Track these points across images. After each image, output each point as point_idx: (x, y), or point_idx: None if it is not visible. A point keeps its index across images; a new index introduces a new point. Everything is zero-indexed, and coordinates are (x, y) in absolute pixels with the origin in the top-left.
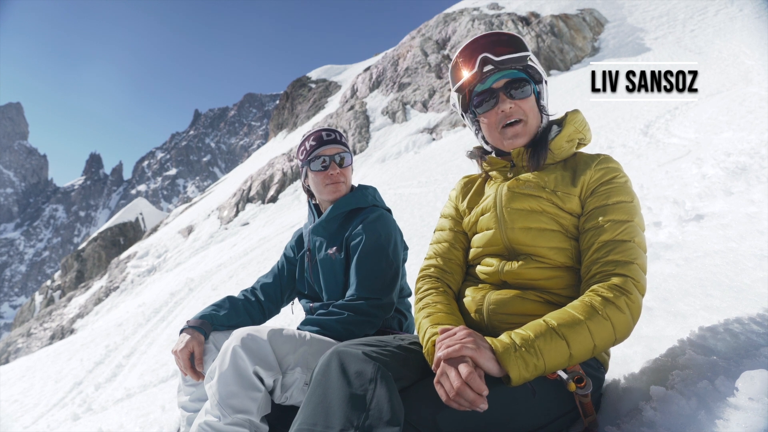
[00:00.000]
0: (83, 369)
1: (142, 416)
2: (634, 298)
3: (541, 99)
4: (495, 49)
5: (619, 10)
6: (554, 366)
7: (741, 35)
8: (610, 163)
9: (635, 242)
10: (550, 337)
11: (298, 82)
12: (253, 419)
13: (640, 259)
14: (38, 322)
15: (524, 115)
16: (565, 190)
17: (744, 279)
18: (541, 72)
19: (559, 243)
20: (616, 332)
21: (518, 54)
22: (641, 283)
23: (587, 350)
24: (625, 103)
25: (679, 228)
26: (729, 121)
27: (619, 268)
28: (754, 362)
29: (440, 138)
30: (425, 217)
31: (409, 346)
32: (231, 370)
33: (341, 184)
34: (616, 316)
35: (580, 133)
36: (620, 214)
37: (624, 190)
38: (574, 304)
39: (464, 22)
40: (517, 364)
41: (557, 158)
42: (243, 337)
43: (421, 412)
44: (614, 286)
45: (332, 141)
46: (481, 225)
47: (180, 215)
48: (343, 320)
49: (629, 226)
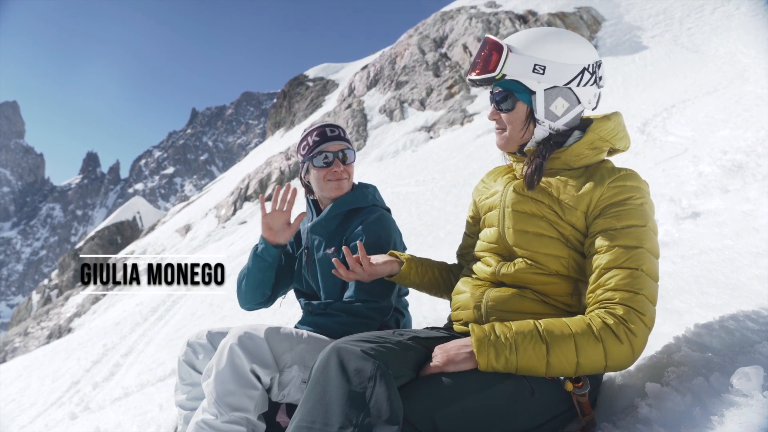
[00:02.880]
0: (80, 368)
1: (139, 415)
2: (636, 330)
3: (535, 111)
4: (477, 67)
5: (616, 9)
6: (528, 365)
7: (738, 33)
8: (628, 182)
9: (643, 270)
10: (531, 336)
11: (295, 80)
12: (250, 417)
13: (647, 290)
14: (35, 321)
15: (504, 126)
16: (569, 201)
17: (739, 276)
18: (529, 85)
19: (555, 251)
20: (608, 359)
21: (486, 75)
22: (647, 316)
23: (569, 363)
24: (621, 102)
25: (675, 226)
26: (725, 120)
27: (623, 298)
28: (748, 359)
29: (438, 136)
30: (423, 216)
31: (408, 342)
32: (228, 369)
33: (344, 181)
34: (612, 342)
35: (607, 142)
36: (629, 240)
37: (638, 214)
38: (573, 318)
39: (462, 20)
40: (487, 352)
41: (573, 165)
42: (240, 335)
43: (420, 410)
44: (616, 316)
45: (336, 137)
46: (487, 221)
47: (177, 214)
48: (341, 322)
49: (638, 253)
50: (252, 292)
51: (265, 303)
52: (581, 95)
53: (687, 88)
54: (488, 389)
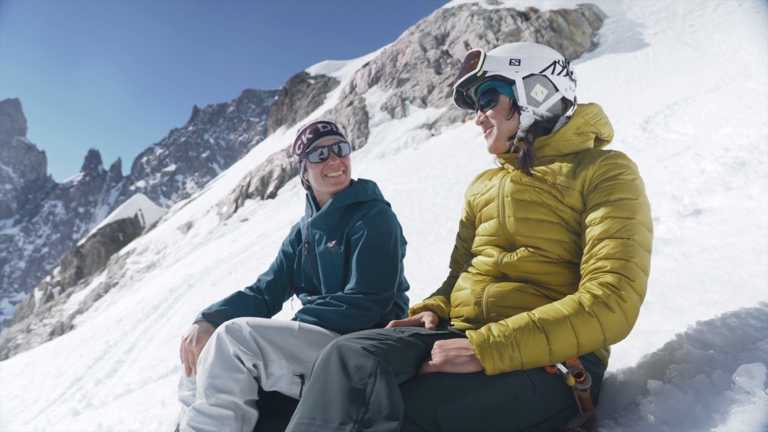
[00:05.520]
0: (83, 365)
1: (141, 411)
2: (627, 296)
3: (518, 99)
4: (461, 78)
5: (618, 5)
6: (533, 359)
7: (740, 30)
8: (618, 159)
9: (635, 240)
10: (529, 330)
11: (297, 77)
12: (236, 401)
13: (639, 258)
14: (38, 318)
15: (489, 123)
16: (565, 183)
17: (742, 274)
18: (507, 75)
19: (557, 235)
20: (605, 331)
21: (467, 76)
22: (637, 282)
23: (570, 346)
24: (623, 99)
25: (677, 223)
26: (728, 117)
27: (614, 265)
28: (751, 356)
29: (439, 134)
30: (424, 213)
31: (409, 339)
32: (215, 354)
33: (342, 174)
34: (605, 314)
35: (593, 126)
36: (621, 211)
37: (629, 187)
38: (564, 300)
39: (463, 17)
40: (491, 356)
41: (564, 151)
42: (227, 324)
43: (421, 407)
44: (606, 284)
45: (329, 132)
46: (485, 215)
47: (179, 211)
48: (342, 313)
49: (629, 224)
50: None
51: (278, 310)
52: (557, 83)
53: (689, 85)
54: (490, 386)
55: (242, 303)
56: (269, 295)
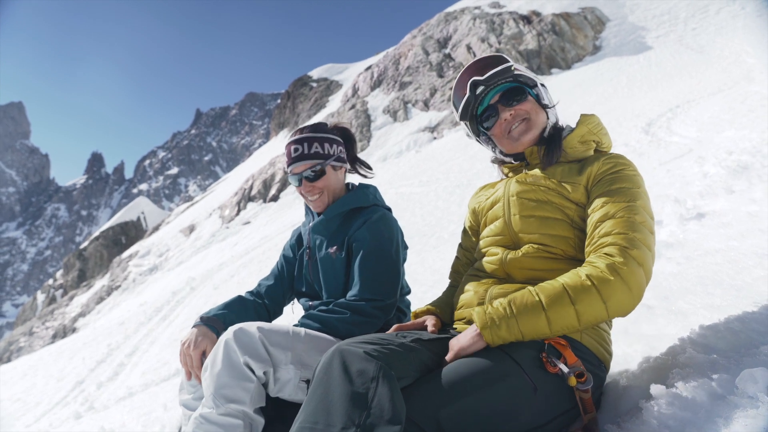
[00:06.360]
0: (85, 368)
1: (144, 415)
2: (625, 263)
3: (542, 99)
4: (481, 71)
5: (620, 9)
6: (531, 327)
7: (743, 33)
8: (620, 159)
9: (635, 219)
10: (525, 299)
11: (299, 81)
12: (246, 410)
13: (640, 233)
14: (40, 320)
15: (526, 114)
16: (571, 180)
17: (745, 277)
18: (532, 76)
19: (562, 231)
20: (605, 299)
21: (502, 66)
22: (636, 251)
23: (568, 315)
24: (626, 102)
25: (680, 226)
26: (731, 120)
27: (614, 239)
28: (754, 360)
29: (441, 137)
30: (426, 217)
31: (411, 344)
32: (223, 362)
33: (318, 198)
34: (604, 283)
35: (595, 135)
36: (622, 197)
37: (630, 179)
38: (564, 274)
39: (465, 20)
40: (489, 326)
41: (569, 158)
42: (235, 330)
43: (424, 410)
44: (604, 254)
45: (299, 158)
46: (491, 216)
47: (181, 214)
48: (345, 320)
49: (631, 206)
50: None
51: (279, 314)
52: (551, 96)
53: (692, 89)
54: (490, 387)
55: (242, 307)
56: (269, 299)
